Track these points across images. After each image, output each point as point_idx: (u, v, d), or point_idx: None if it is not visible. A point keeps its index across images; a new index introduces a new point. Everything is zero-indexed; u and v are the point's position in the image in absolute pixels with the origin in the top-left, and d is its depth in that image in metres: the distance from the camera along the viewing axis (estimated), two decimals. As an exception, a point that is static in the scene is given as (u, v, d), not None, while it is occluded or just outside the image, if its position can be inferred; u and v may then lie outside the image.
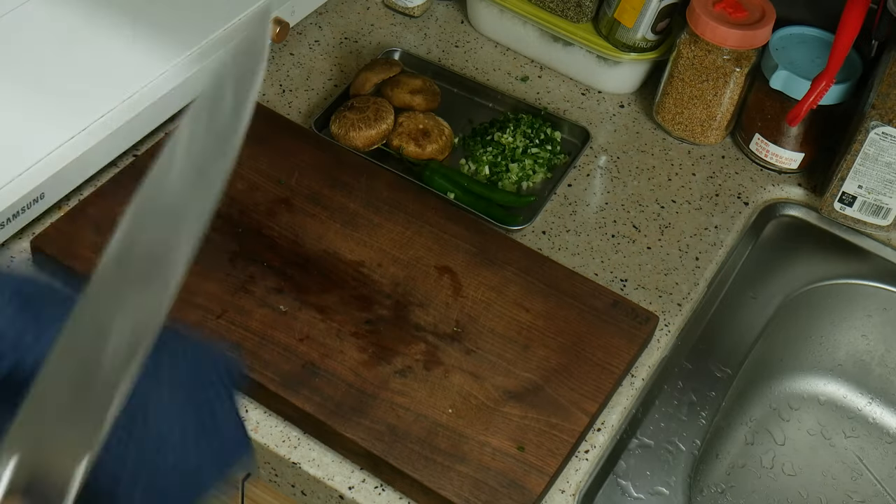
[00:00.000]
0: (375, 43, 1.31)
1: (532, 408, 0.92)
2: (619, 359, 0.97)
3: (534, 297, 1.00)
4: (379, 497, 0.90)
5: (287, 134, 1.11)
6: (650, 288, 1.08)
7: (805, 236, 1.18)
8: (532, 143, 1.18)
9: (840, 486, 1.17)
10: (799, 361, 1.21)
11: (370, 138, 1.16)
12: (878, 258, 1.17)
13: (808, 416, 1.21)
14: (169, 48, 1.13)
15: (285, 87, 1.24)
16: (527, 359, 0.96)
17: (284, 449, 0.92)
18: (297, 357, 0.93)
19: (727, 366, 1.05)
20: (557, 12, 1.26)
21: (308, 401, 0.91)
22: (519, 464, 0.89)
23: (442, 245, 1.03)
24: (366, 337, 0.95)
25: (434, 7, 1.37)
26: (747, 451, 1.17)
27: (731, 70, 1.16)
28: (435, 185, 1.12)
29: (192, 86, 1.14)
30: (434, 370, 0.94)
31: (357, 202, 1.06)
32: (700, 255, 1.12)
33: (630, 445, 0.97)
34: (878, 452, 1.20)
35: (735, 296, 1.10)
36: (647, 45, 1.24)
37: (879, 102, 1.07)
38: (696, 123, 1.21)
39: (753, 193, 1.20)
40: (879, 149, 1.10)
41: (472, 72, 1.29)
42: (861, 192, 1.13)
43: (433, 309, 0.98)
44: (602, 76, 1.28)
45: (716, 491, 1.12)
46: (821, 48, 1.17)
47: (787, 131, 1.18)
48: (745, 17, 1.15)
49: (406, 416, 0.91)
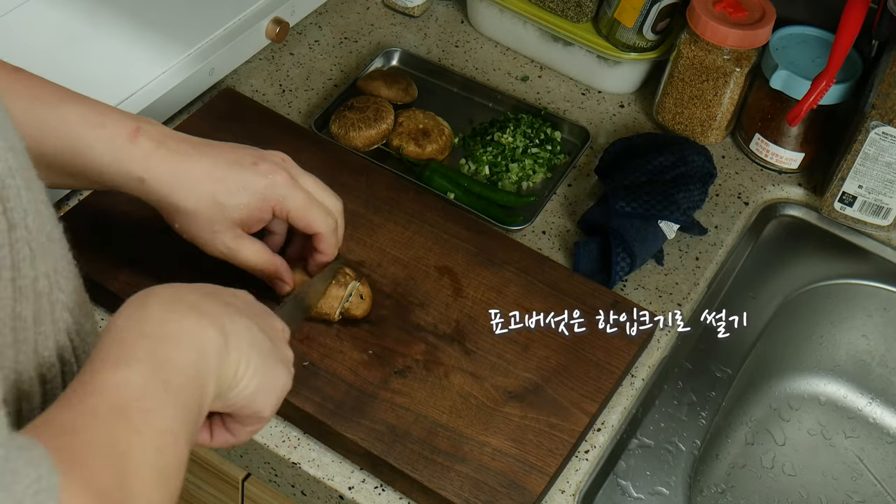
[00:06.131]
0: (375, 43, 1.31)
1: (532, 408, 0.92)
2: (619, 359, 0.97)
3: (534, 297, 1.00)
4: (379, 497, 0.90)
5: (287, 134, 1.11)
6: (650, 288, 1.08)
7: (805, 236, 1.18)
8: (532, 143, 1.18)
9: (840, 487, 1.17)
10: (799, 361, 1.21)
11: (370, 138, 1.16)
12: (878, 258, 1.17)
13: (809, 417, 1.21)
14: (169, 48, 1.13)
15: (285, 87, 1.24)
16: (527, 359, 0.96)
17: (284, 449, 0.92)
18: (298, 357, 0.93)
19: (727, 366, 1.05)
20: (557, 12, 1.26)
21: (308, 401, 0.91)
22: (519, 464, 0.89)
23: (442, 245, 1.03)
24: (366, 337, 0.95)
25: (434, 7, 1.37)
26: (747, 452, 1.17)
27: (732, 70, 1.16)
28: (435, 185, 1.12)
29: (192, 86, 1.14)
30: (434, 370, 0.94)
31: (357, 202, 1.06)
32: (700, 255, 1.12)
33: (630, 445, 0.97)
34: (879, 452, 1.20)
35: (735, 296, 1.10)
36: (648, 45, 1.24)
37: (880, 102, 1.07)
38: (696, 123, 1.21)
39: (753, 193, 1.20)
40: (880, 149, 1.10)
41: (472, 72, 1.29)
42: (861, 192, 1.13)
43: (433, 309, 0.98)
44: (602, 76, 1.28)
45: (716, 491, 1.12)
46: (821, 48, 1.17)
47: (788, 131, 1.18)
48: (746, 17, 1.15)
49: (406, 416, 0.90)
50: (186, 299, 0.65)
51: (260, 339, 0.69)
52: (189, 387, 0.61)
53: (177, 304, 0.64)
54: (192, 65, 1.13)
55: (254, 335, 0.68)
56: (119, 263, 0.98)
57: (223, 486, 1.06)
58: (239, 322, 0.67)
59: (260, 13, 1.19)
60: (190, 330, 0.63)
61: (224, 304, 0.67)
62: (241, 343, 0.66)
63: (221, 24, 1.17)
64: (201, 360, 0.63)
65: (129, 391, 0.58)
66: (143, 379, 0.59)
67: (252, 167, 0.87)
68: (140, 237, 0.92)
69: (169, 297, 0.65)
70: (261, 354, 0.68)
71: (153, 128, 0.85)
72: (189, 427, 0.61)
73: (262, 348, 0.69)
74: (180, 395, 0.60)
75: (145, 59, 1.12)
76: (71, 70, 1.09)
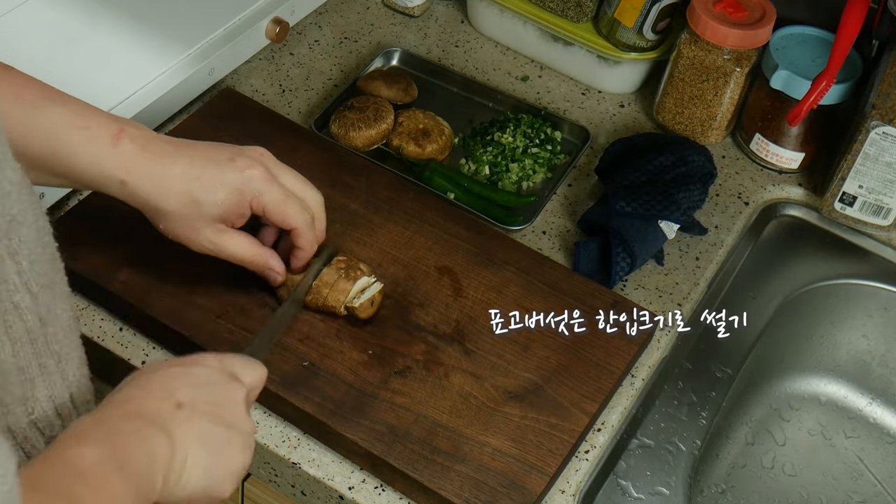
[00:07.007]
0: (375, 43, 1.31)
1: (532, 408, 0.92)
2: (619, 359, 0.97)
3: (534, 297, 1.00)
4: (379, 497, 0.90)
5: (287, 134, 1.11)
6: (650, 288, 1.08)
7: (805, 236, 1.18)
8: (532, 143, 1.18)
9: (840, 487, 1.17)
10: (799, 361, 1.21)
11: (370, 138, 1.16)
12: (878, 258, 1.17)
13: (809, 417, 1.21)
14: (169, 48, 1.13)
15: (285, 87, 1.24)
16: (527, 359, 0.96)
17: (284, 449, 0.92)
18: (297, 357, 0.93)
19: (727, 366, 1.05)
20: (558, 12, 1.26)
21: (308, 401, 0.91)
22: (519, 464, 0.89)
23: (442, 245, 1.03)
24: (366, 337, 0.95)
25: (434, 7, 1.37)
26: (748, 452, 1.16)
27: (732, 70, 1.16)
28: (435, 185, 1.12)
29: (192, 86, 1.14)
30: (434, 370, 0.94)
31: (357, 202, 1.06)
32: (700, 255, 1.12)
33: (630, 445, 0.97)
34: (879, 453, 1.20)
35: (735, 296, 1.10)
36: (648, 44, 1.24)
37: (880, 102, 1.07)
38: (696, 123, 1.21)
39: (754, 193, 1.19)
40: (880, 149, 1.10)
41: (472, 72, 1.29)
42: (861, 191, 1.13)
43: (433, 309, 0.98)
44: (602, 76, 1.28)
45: (716, 491, 1.12)
46: (821, 48, 1.17)
47: (788, 131, 1.18)
48: (746, 17, 1.15)
49: (406, 416, 0.90)
50: (137, 409, 0.69)
51: (211, 435, 0.71)
52: (139, 476, 0.65)
53: (130, 413, 0.68)
54: (192, 65, 1.13)
55: (205, 433, 0.70)
56: (119, 263, 0.98)
57: (223, 487, 1.06)
58: (188, 426, 0.70)
59: (260, 13, 1.19)
60: (140, 432, 0.67)
61: (176, 406, 0.70)
62: (188, 446, 0.69)
63: (221, 24, 1.17)
64: (150, 460, 0.67)
65: (87, 461, 0.62)
66: (98, 454, 0.63)
67: (229, 163, 0.87)
68: (140, 237, 0.92)
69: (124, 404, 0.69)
70: (211, 450, 0.71)
71: (136, 131, 0.85)
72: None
73: (213, 444, 0.71)
74: (132, 477, 0.64)
75: (145, 59, 1.12)
76: (71, 70, 1.09)
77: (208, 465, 0.71)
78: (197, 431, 0.70)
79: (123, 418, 0.68)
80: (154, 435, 0.68)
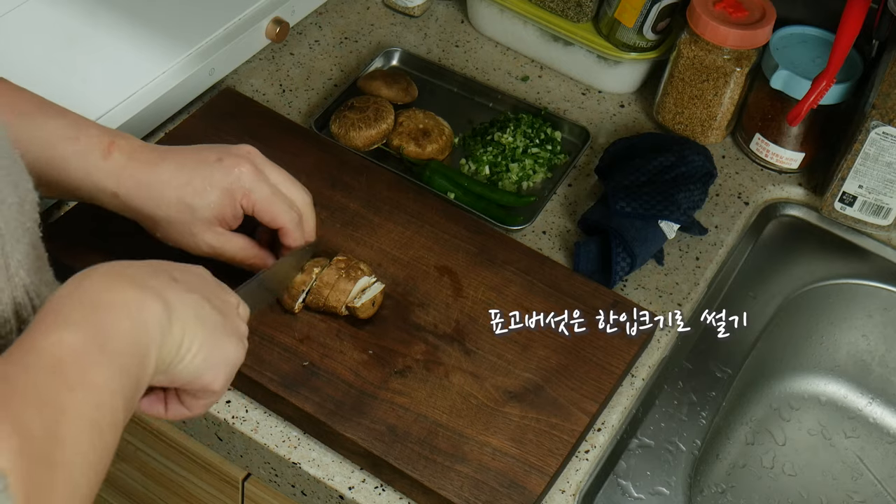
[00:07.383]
0: (375, 43, 1.31)
1: (532, 408, 0.92)
2: (619, 359, 0.97)
3: (534, 297, 1.00)
4: (379, 497, 0.90)
5: (287, 134, 1.11)
6: (650, 288, 1.08)
7: (805, 236, 1.18)
8: (532, 143, 1.18)
9: (840, 487, 1.17)
10: (799, 361, 1.21)
11: (370, 138, 1.16)
12: (878, 258, 1.17)
13: (809, 417, 1.21)
14: (169, 48, 1.13)
15: (285, 87, 1.24)
16: (527, 359, 0.96)
17: (284, 449, 0.92)
18: (297, 357, 0.93)
19: (727, 366, 1.05)
20: (558, 12, 1.26)
21: (308, 401, 0.91)
22: (519, 464, 0.89)
23: (442, 245, 1.03)
24: (366, 337, 0.95)
25: (434, 7, 1.37)
26: (748, 452, 1.16)
27: (732, 70, 1.16)
28: (435, 185, 1.12)
29: (192, 86, 1.14)
30: (434, 370, 0.94)
31: (357, 202, 1.06)
32: (700, 254, 1.12)
33: (630, 445, 0.97)
34: (879, 452, 1.20)
35: (735, 296, 1.10)
36: (648, 44, 1.24)
37: (880, 102, 1.07)
38: (696, 123, 1.21)
39: (754, 193, 1.20)
40: (880, 149, 1.10)
41: (472, 72, 1.29)
42: (861, 191, 1.13)
43: (433, 309, 0.98)
44: (602, 76, 1.28)
45: (716, 491, 1.12)
46: (821, 48, 1.17)
47: (788, 131, 1.18)
48: (746, 17, 1.15)
49: (406, 416, 0.90)
50: (128, 273, 0.65)
51: (208, 314, 0.68)
52: (126, 354, 0.61)
53: (118, 276, 0.64)
54: (192, 65, 1.13)
55: (201, 309, 0.68)
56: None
57: (223, 486, 1.06)
58: (185, 296, 0.67)
59: (260, 13, 1.19)
60: (130, 301, 0.63)
61: (171, 279, 0.67)
62: (186, 317, 0.66)
63: (221, 24, 1.17)
64: (141, 331, 0.62)
65: (64, 349, 0.58)
66: (77, 340, 0.59)
67: (216, 163, 0.87)
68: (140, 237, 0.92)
69: (111, 271, 0.65)
70: (207, 328, 0.68)
71: (126, 142, 0.85)
72: (127, 392, 0.61)
73: (209, 322, 0.68)
74: (116, 358, 0.60)
75: (145, 59, 1.12)
76: (71, 70, 1.09)
77: (205, 342, 0.67)
78: (194, 305, 0.67)
79: (107, 289, 0.62)
80: (146, 300, 0.63)
